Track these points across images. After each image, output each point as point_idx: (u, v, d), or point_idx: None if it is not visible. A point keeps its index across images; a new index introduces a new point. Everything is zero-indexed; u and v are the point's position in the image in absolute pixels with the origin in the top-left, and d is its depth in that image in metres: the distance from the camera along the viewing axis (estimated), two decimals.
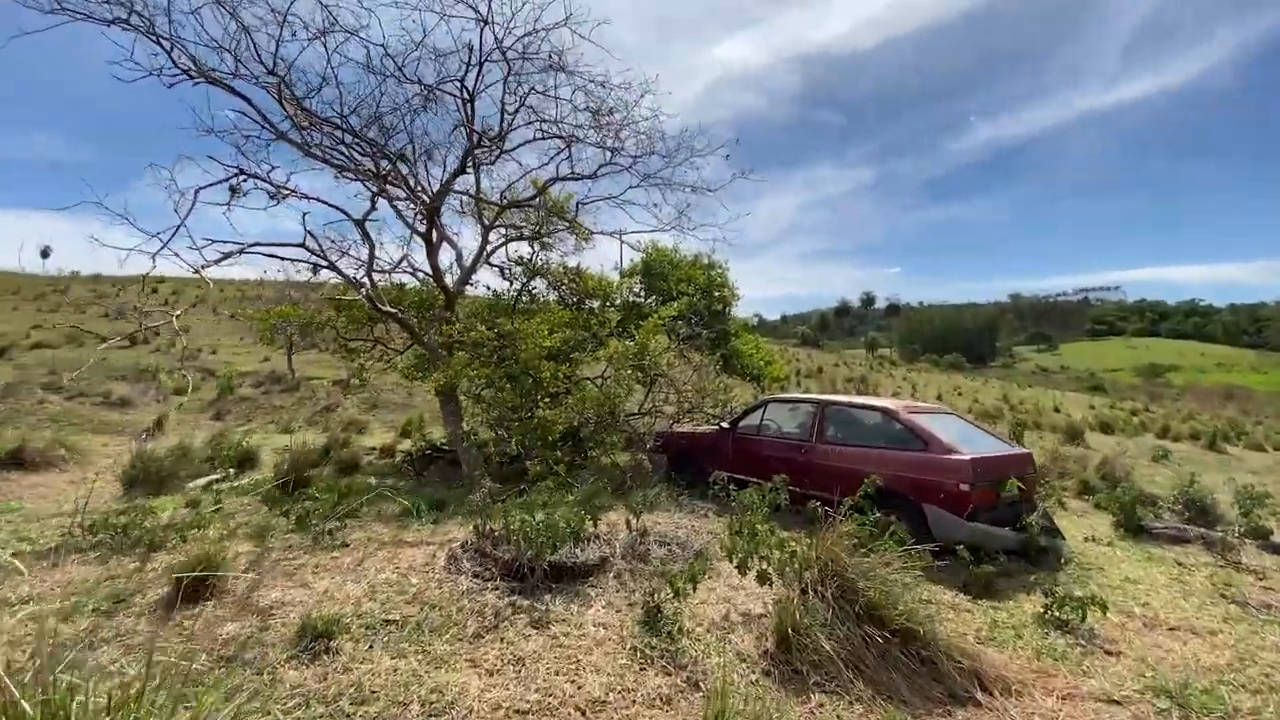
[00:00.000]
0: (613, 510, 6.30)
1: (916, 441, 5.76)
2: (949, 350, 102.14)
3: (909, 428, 5.86)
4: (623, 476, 7.38)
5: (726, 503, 6.70)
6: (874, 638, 3.45)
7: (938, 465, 5.48)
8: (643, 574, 4.36)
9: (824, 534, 4.26)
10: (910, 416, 5.96)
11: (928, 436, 5.69)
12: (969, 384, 36.84)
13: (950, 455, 5.46)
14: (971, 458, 5.39)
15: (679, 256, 10.71)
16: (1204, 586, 5.40)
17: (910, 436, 5.85)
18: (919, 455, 5.65)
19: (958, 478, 5.33)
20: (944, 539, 5.40)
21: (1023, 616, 4.37)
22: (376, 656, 3.14)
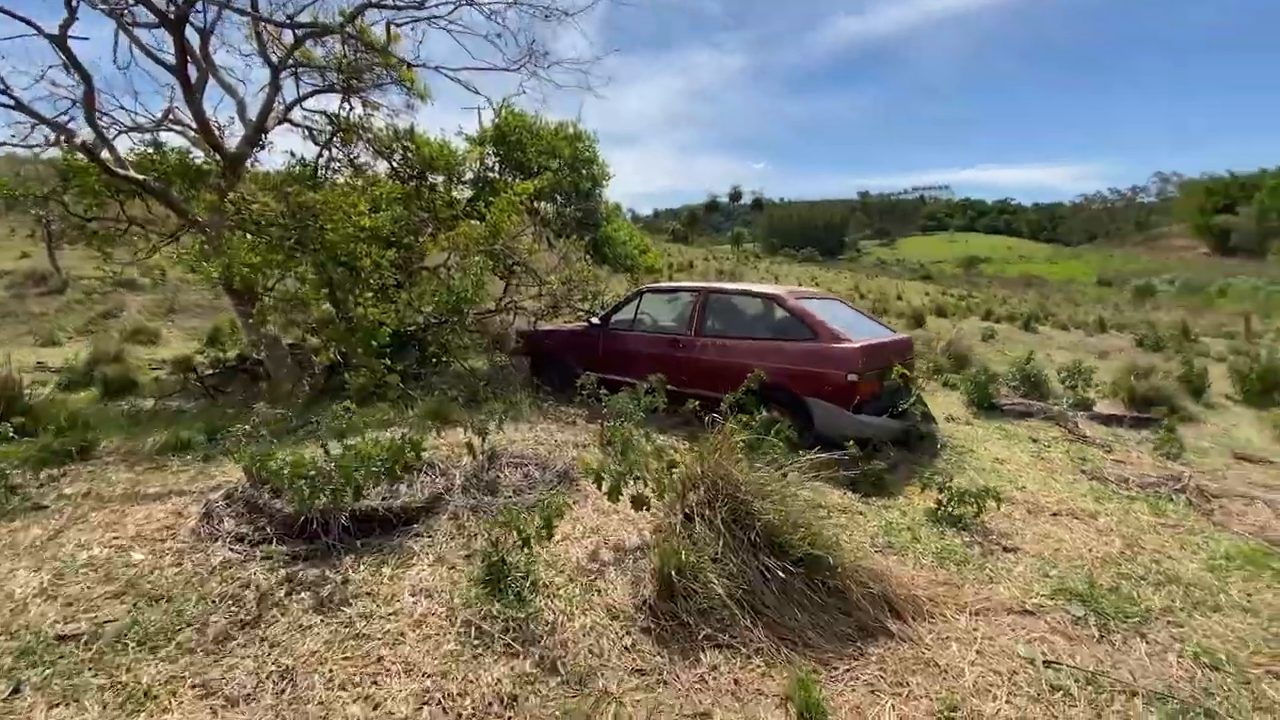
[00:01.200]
0: (460, 428, 5.19)
1: (804, 331, 5.14)
2: (806, 245, 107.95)
3: (797, 316, 5.21)
4: (476, 385, 6.22)
5: (598, 409, 5.87)
6: (773, 571, 2.78)
7: (825, 355, 4.91)
8: (490, 511, 3.39)
9: (710, 441, 3.49)
10: (798, 303, 5.30)
11: (816, 325, 5.08)
12: (824, 275, 38.85)
13: (839, 344, 4.90)
14: (861, 346, 4.87)
15: (540, 124, 9.07)
16: (1064, 462, 5.51)
17: (797, 325, 5.22)
18: (806, 346, 5.04)
19: (846, 368, 4.81)
20: (831, 434, 4.94)
21: (915, 515, 4.02)
22: (22, 707, 1.91)
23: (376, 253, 5.95)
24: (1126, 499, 4.59)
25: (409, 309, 5.99)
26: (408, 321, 6.07)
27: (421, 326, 6.50)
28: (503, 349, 7.00)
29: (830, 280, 34.93)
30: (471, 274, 6.19)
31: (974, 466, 5.18)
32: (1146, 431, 7.31)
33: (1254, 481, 5.29)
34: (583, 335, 6.49)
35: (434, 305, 6.17)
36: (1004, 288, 59.68)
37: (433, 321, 6.35)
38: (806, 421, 5.00)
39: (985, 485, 4.08)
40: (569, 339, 6.60)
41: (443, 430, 5.07)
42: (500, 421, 4.40)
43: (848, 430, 4.84)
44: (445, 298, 6.04)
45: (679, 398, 5.28)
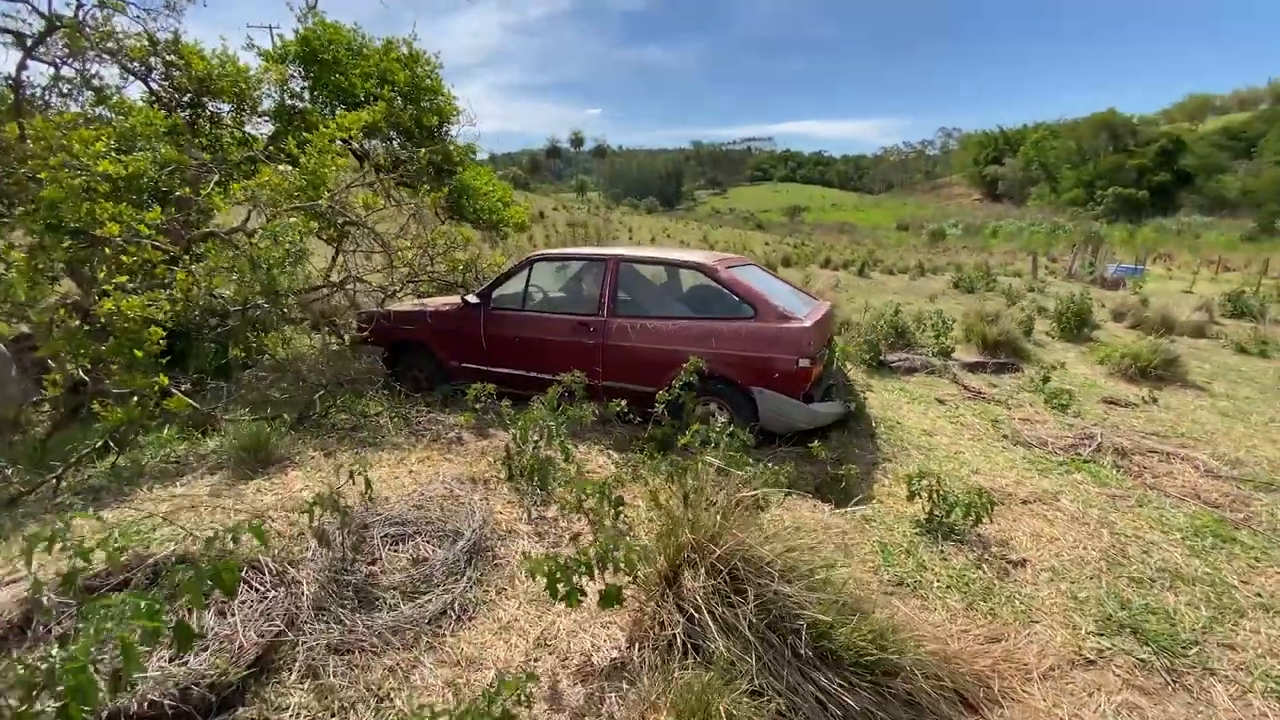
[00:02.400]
0: (294, 468, 3.68)
1: (743, 307, 4.29)
2: (646, 194, 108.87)
3: (733, 290, 4.33)
4: (311, 396, 4.59)
5: (490, 417, 4.60)
6: (835, 694, 1.93)
7: (773, 338, 4.12)
8: (372, 651, 2.12)
9: (690, 474, 2.56)
10: (731, 274, 4.42)
11: (757, 301, 4.25)
12: (674, 226, 39.05)
13: (787, 324, 4.13)
14: (813, 324, 4.14)
15: (363, 41, 7.05)
16: (982, 427, 5.36)
17: (734, 302, 4.35)
18: (748, 327, 4.20)
19: (797, 352, 4.06)
20: (777, 428, 4.22)
21: (904, 529, 3.43)
22: None
23: (129, 213, 4.00)
24: (1063, 469, 4.45)
25: (193, 294, 4.15)
26: (191, 312, 4.24)
27: (219, 316, 4.66)
28: (342, 339, 5.33)
29: (679, 231, 35.05)
30: (287, 241, 4.46)
31: (912, 444, 4.79)
32: (1008, 376, 7.72)
33: (1140, 429, 5.55)
34: (456, 318, 5.08)
35: (234, 286, 4.38)
36: (824, 234, 65.11)
37: (234, 309, 4.55)
38: (749, 415, 4.22)
39: (940, 471, 3.61)
40: (437, 324, 5.15)
41: (269, 474, 3.55)
42: (355, 471, 3.03)
43: (798, 422, 4.14)
44: (249, 275, 4.29)
45: (591, 393, 4.23)
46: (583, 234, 15.82)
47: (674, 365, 4.18)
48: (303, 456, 3.82)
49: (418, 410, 4.75)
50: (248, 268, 4.31)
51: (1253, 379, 8.14)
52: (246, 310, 4.53)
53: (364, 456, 3.75)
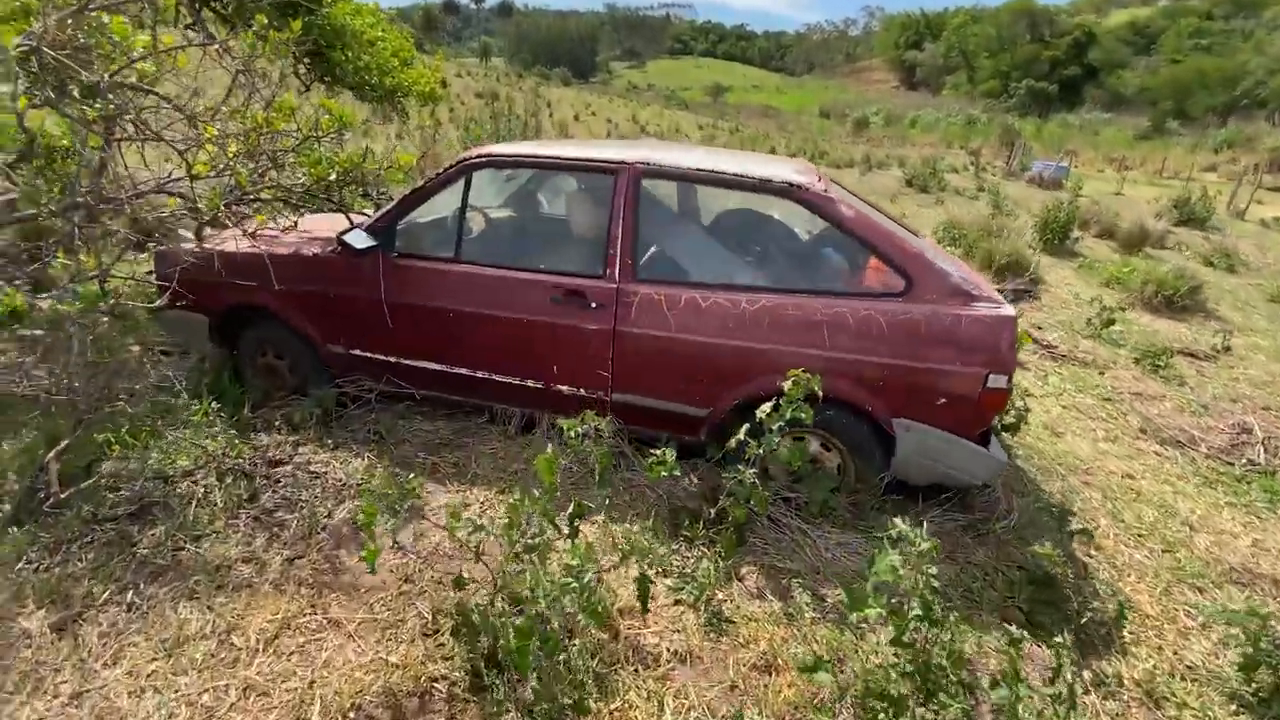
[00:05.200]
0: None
1: (885, 275, 2.38)
2: (556, 62, 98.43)
3: (862, 238, 2.37)
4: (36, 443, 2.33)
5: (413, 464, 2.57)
6: None
7: (944, 332, 2.27)
8: None
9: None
10: (853, 207, 2.43)
11: (912, 261, 2.34)
12: (597, 101, 34.76)
13: (972, 307, 2.28)
14: (1015, 312, 2.30)
15: None
16: (1106, 414, 3.97)
17: (866, 261, 2.46)
18: (896, 309, 2.32)
19: (991, 359, 2.25)
20: (923, 478, 2.52)
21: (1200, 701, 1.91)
22: None
23: None
24: (1230, 486, 3.18)
25: None
26: None
27: None
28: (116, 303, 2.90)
29: (605, 108, 31.22)
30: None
31: (1056, 462, 3.28)
32: (1025, 304, 6.54)
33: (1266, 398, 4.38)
34: (330, 270, 2.83)
35: None
36: (749, 118, 61.87)
37: None
38: (877, 459, 2.48)
39: (1136, 525, 2.10)
40: (296, 278, 2.87)
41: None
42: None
43: (970, 474, 2.44)
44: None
45: (595, 408, 2.33)
46: (507, 114, 12.50)
47: (742, 373, 2.31)
48: (1, 635, 1.70)
49: (268, 447, 2.61)
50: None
51: (1249, 303, 7.41)
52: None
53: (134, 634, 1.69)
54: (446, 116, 21.79)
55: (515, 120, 12.19)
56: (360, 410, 2.98)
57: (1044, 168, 23.49)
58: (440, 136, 12.22)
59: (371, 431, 2.84)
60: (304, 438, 2.76)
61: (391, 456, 2.70)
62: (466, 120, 15.42)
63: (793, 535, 2.37)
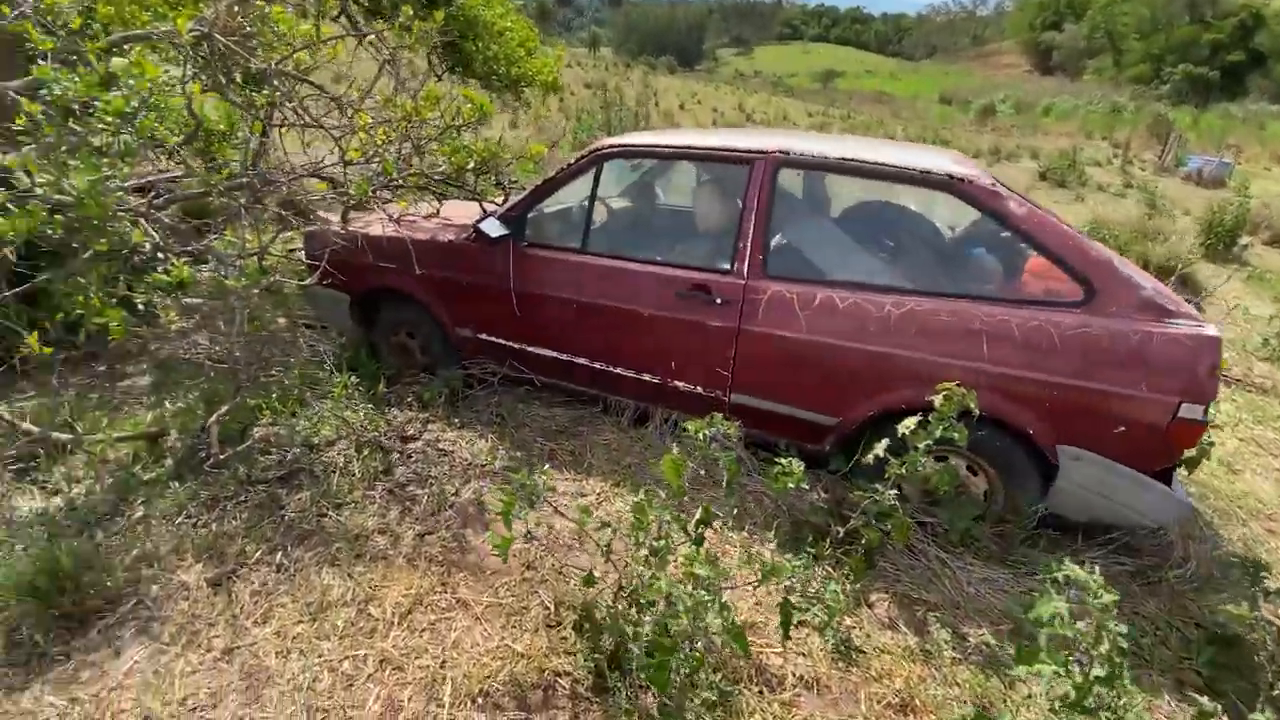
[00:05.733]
0: (127, 641, 1.73)
1: (1061, 282, 2.13)
2: (663, 51, 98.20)
3: (1035, 239, 2.12)
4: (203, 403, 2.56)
5: (534, 449, 2.61)
6: None
7: (1131, 351, 1.98)
8: None
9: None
10: (1029, 211, 2.17)
11: (1095, 268, 2.06)
12: (704, 89, 34.34)
13: (1167, 324, 1.98)
14: (1218, 331, 1.98)
15: None
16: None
17: (1028, 265, 2.22)
18: (1074, 322, 2.05)
19: (1188, 385, 1.94)
20: (1083, 515, 2.24)
21: None
22: None
23: None
24: None
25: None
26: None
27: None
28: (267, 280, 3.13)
29: (711, 96, 30.81)
30: (133, 95, 2.18)
31: (1237, 506, 2.84)
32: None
33: None
34: (464, 258, 2.91)
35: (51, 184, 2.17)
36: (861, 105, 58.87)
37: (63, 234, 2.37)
38: (1031, 488, 2.23)
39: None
40: (432, 264, 2.98)
41: (53, 671, 1.63)
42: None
43: (1137, 511, 2.14)
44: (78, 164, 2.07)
45: (711, 408, 2.25)
46: (618, 105, 12.54)
47: (880, 382, 2.15)
48: (161, 586, 1.87)
49: (401, 423, 2.74)
50: (59, 164, 2.07)
51: None
52: (78, 229, 2.35)
53: (282, 595, 1.80)
54: (556, 106, 22.33)
55: (626, 110, 12.22)
56: (484, 392, 3.07)
57: (1203, 163, 20.68)
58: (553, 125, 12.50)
59: (494, 414, 2.91)
60: (433, 415, 2.88)
61: (512, 440, 2.75)
62: (578, 110, 15.68)
63: (928, 563, 2.18)
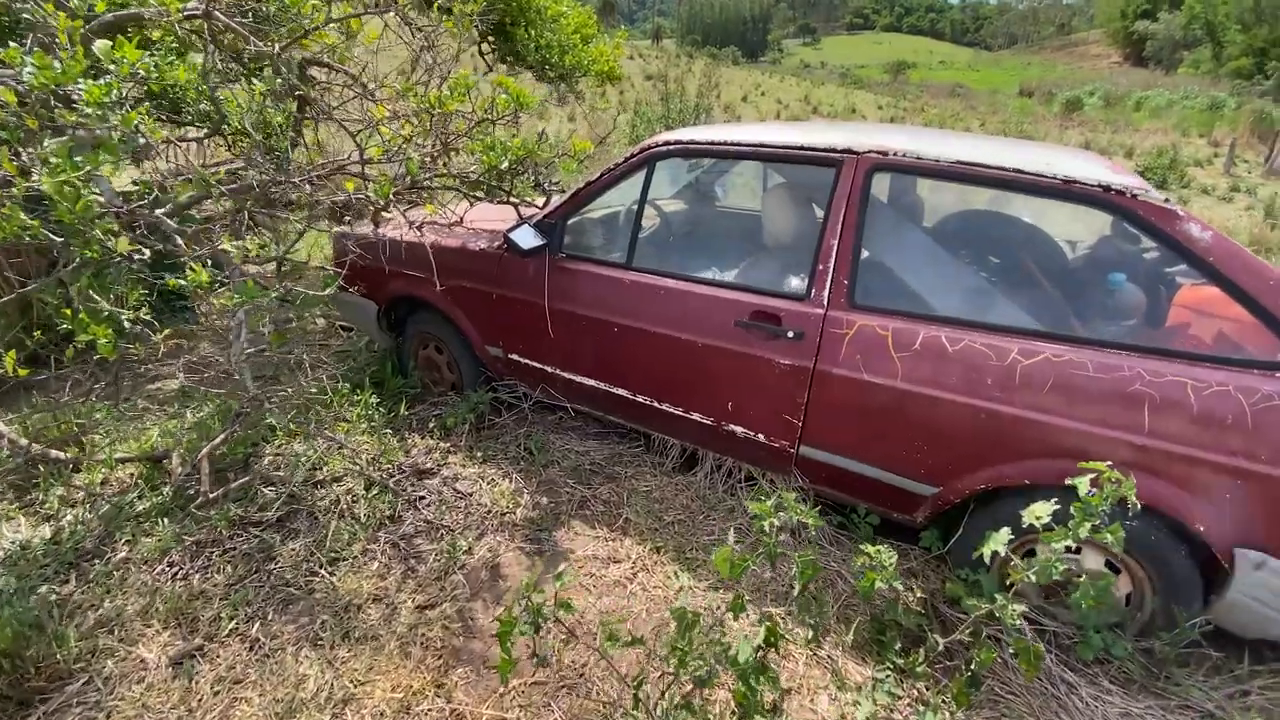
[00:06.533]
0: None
1: (1253, 332, 1.60)
2: (727, 42, 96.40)
3: (1218, 273, 1.60)
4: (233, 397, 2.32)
5: (553, 489, 2.23)
6: None
7: None
8: None
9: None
10: (1213, 235, 1.64)
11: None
12: (768, 81, 33.25)
13: None
14: None
15: None
16: None
17: (1176, 297, 1.72)
18: (1266, 388, 1.53)
19: None
20: (1262, 633, 1.68)
21: None
22: None
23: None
24: None
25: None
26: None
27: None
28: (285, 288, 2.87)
29: (775, 88, 29.82)
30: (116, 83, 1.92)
31: None
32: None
33: None
34: (491, 268, 2.57)
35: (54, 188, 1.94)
36: (933, 97, 56.06)
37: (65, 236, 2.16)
38: (1190, 596, 1.70)
39: None
40: (457, 273, 2.66)
41: None
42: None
43: None
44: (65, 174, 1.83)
45: (772, 464, 1.82)
46: (679, 96, 11.98)
47: (998, 449, 1.72)
48: (118, 663, 1.59)
49: (418, 454, 2.42)
50: (65, 161, 1.82)
51: None
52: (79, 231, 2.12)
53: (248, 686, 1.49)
54: (617, 99, 21.97)
55: (685, 103, 11.70)
56: (513, 418, 2.73)
57: None
58: (609, 119, 12.13)
59: (521, 446, 2.56)
60: (455, 444, 2.56)
61: (539, 481, 2.39)
62: (637, 103, 15.25)
63: (1051, 685, 1.70)
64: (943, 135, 2.32)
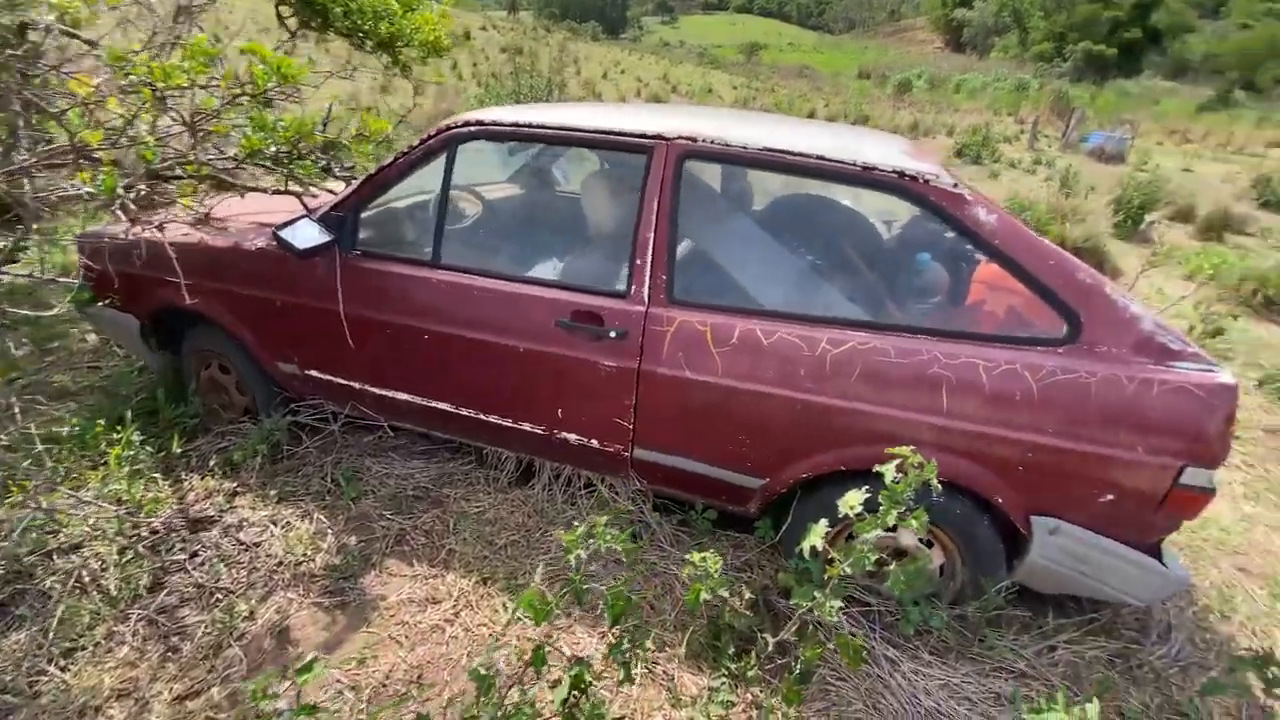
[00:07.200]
0: None
1: (1040, 312, 1.67)
2: (586, 17, 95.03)
3: (1010, 258, 1.64)
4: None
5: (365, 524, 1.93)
6: None
7: (1127, 404, 1.55)
8: None
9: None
10: (999, 219, 1.68)
11: (1083, 295, 1.60)
12: (629, 59, 33.15)
13: (1170, 368, 1.56)
14: (1235, 380, 1.57)
15: None
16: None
17: (975, 274, 1.78)
18: (1056, 366, 1.60)
19: (1194, 445, 1.53)
20: (1051, 588, 1.84)
21: None
22: None
23: None
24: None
25: None
26: None
27: None
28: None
29: (634, 65, 29.80)
30: None
31: (1202, 539, 2.57)
32: None
33: None
34: (273, 266, 2.18)
35: None
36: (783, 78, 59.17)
37: None
38: (992, 560, 1.80)
39: None
40: (231, 276, 2.24)
41: None
42: None
43: (1121, 590, 1.75)
44: None
45: (606, 469, 1.71)
46: (530, 70, 11.35)
47: (817, 439, 1.69)
48: None
49: (194, 500, 2.03)
50: None
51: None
52: None
53: None
54: (469, 72, 20.78)
55: (539, 77, 11.23)
56: (318, 444, 2.38)
57: (1105, 140, 21.69)
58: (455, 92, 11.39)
59: (328, 478, 2.23)
60: (244, 483, 2.17)
61: (348, 517, 2.09)
62: (487, 76, 14.50)
63: (876, 666, 1.72)
64: (754, 118, 2.27)
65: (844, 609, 1.73)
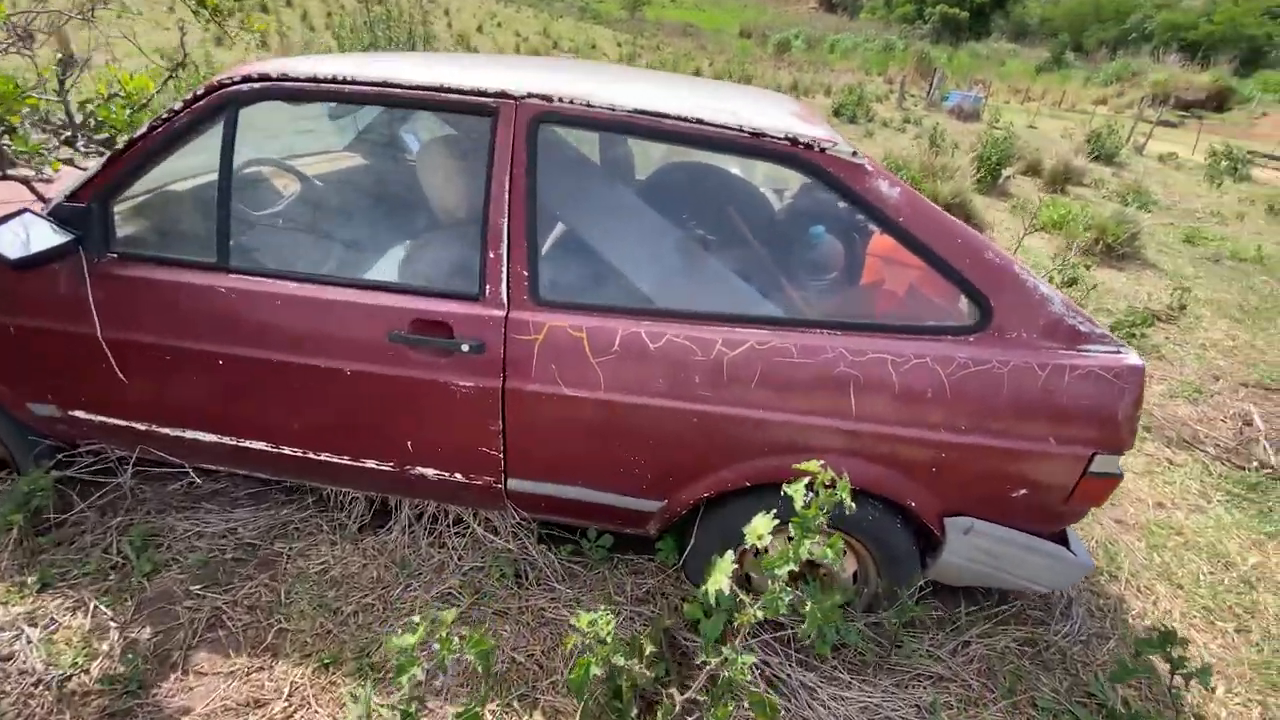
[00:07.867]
0: None
1: (951, 297, 1.49)
2: None
3: (920, 243, 1.43)
4: None
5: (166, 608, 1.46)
6: None
7: (1042, 394, 1.41)
8: None
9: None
10: (903, 192, 1.46)
11: (993, 276, 1.43)
12: (505, 12, 31.09)
13: (1084, 353, 1.43)
14: (1141, 360, 1.47)
15: None
16: None
17: (867, 247, 1.59)
18: (964, 355, 1.43)
19: (1104, 434, 1.42)
20: (961, 581, 1.75)
21: None
22: None
23: None
24: (1257, 504, 2.71)
25: None
26: None
27: None
28: None
29: (515, 20, 28.07)
30: None
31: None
32: None
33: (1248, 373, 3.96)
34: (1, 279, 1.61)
35: None
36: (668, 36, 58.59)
37: None
38: (905, 563, 1.67)
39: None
40: None
41: None
42: None
43: (1031, 580, 1.68)
44: None
45: (481, 497, 1.43)
46: (387, 21, 9.95)
47: (717, 454, 1.48)
48: None
49: None
50: None
51: (1170, 246, 7.16)
52: None
53: None
54: (322, 23, 18.58)
55: (401, 27, 10.08)
56: (102, 503, 1.85)
57: (963, 99, 23.20)
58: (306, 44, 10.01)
59: (114, 548, 1.73)
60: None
61: (142, 600, 1.62)
62: (344, 29, 12.93)
63: (790, 696, 1.55)
64: (624, 73, 1.93)
65: (754, 637, 1.54)
